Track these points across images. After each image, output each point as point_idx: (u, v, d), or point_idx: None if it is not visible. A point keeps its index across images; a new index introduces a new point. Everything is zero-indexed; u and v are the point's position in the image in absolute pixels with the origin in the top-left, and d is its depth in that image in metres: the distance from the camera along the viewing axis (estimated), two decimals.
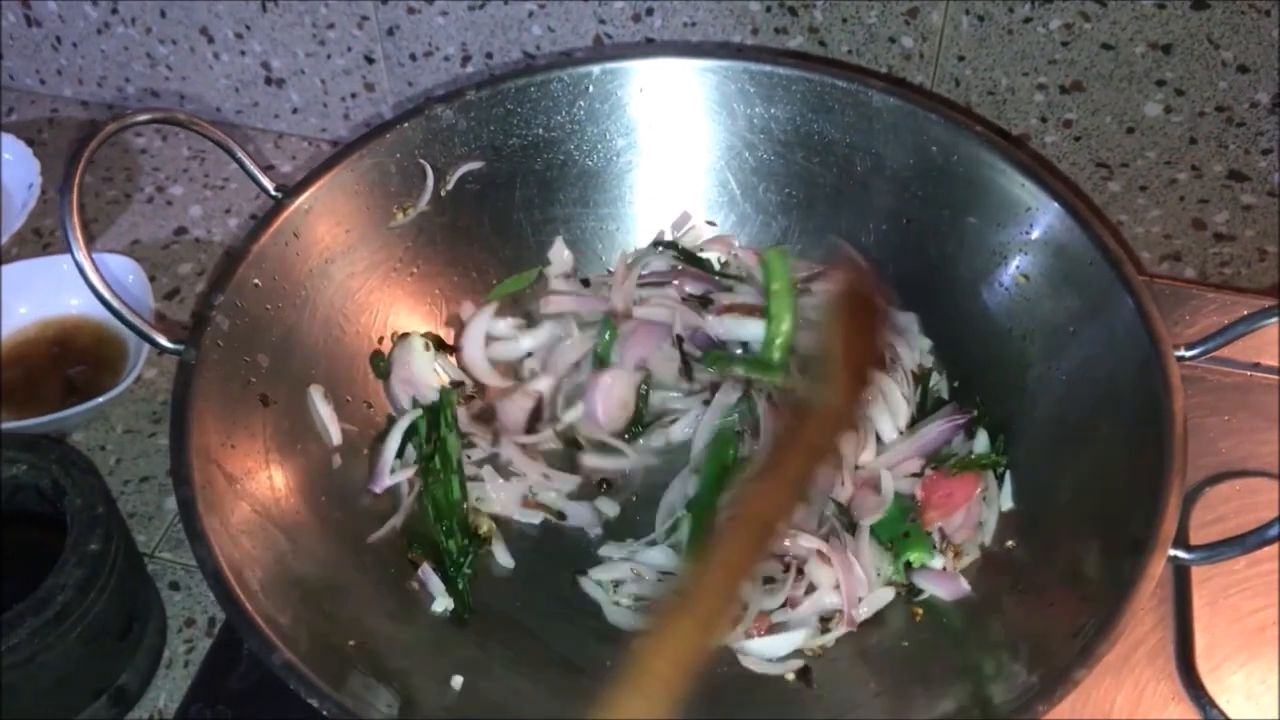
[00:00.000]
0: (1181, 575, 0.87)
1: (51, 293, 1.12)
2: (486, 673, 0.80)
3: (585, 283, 1.04)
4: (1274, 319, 0.75)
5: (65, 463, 0.86)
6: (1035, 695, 0.66)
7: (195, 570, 0.98)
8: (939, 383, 0.96)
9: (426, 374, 0.96)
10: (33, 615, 0.78)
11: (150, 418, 1.09)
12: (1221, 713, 0.80)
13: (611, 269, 1.05)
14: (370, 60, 1.26)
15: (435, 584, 0.85)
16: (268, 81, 1.32)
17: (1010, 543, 0.83)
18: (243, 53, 1.29)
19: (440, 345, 0.99)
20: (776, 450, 0.70)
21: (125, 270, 1.10)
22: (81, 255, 0.80)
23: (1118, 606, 0.67)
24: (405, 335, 0.97)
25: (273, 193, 0.90)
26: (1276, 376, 1.00)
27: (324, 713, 0.66)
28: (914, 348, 0.96)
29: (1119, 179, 1.14)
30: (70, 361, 1.10)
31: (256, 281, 0.86)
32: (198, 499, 0.74)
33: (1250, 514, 0.73)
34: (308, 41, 1.26)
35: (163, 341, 0.82)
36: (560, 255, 1.04)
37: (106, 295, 0.80)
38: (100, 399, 1.01)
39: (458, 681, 0.79)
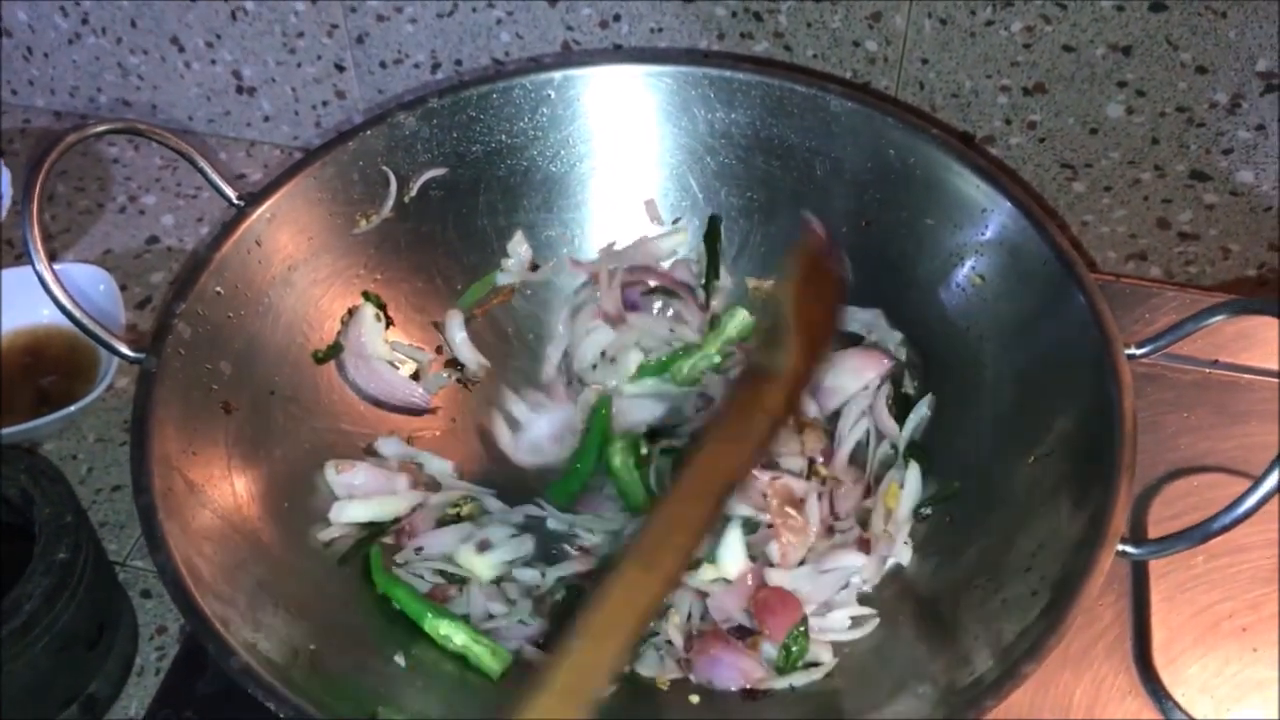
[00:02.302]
0: (1140, 570, 0.88)
1: (23, 302, 1.13)
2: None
3: (534, 267, 1.05)
4: (1221, 316, 0.76)
5: (34, 472, 0.87)
6: (984, 690, 0.67)
7: None
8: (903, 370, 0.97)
9: (376, 345, 0.97)
10: None
11: (122, 426, 1.09)
12: (1177, 705, 0.81)
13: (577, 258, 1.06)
14: (341, 68, 1.27)
15: None
16: (239, 90, 1.32)
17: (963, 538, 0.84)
18: (213, 62, 1.30)
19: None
20: (730, 414, 0.70)
21: (96, 280, 1.11)
22: (42, 265, 0.80)
23: (1066, 601, 0.68)
24: (356, 306, 0.97)
25: (235, 200, 0.90)
26: (1234, 373, 1.01)
27: (281, 715, 0.66)
28: (886, 341, 0.97)
29: (1083, 179, 1.15)
30: (42, 371, 1.11)
31: (218, 289, 0.87)
32: (158, 506, 0.74)
33: (1208, 509, 0.73)
34: (278, 50, 1.27)
35: (124, 350, 0.82)
36: (519, 249, 1.04)
37: (67, 304, 0.81)
38: (72, 408, 1.02)
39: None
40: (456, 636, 0.82)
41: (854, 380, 0.94)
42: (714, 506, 0.65)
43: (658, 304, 1.04)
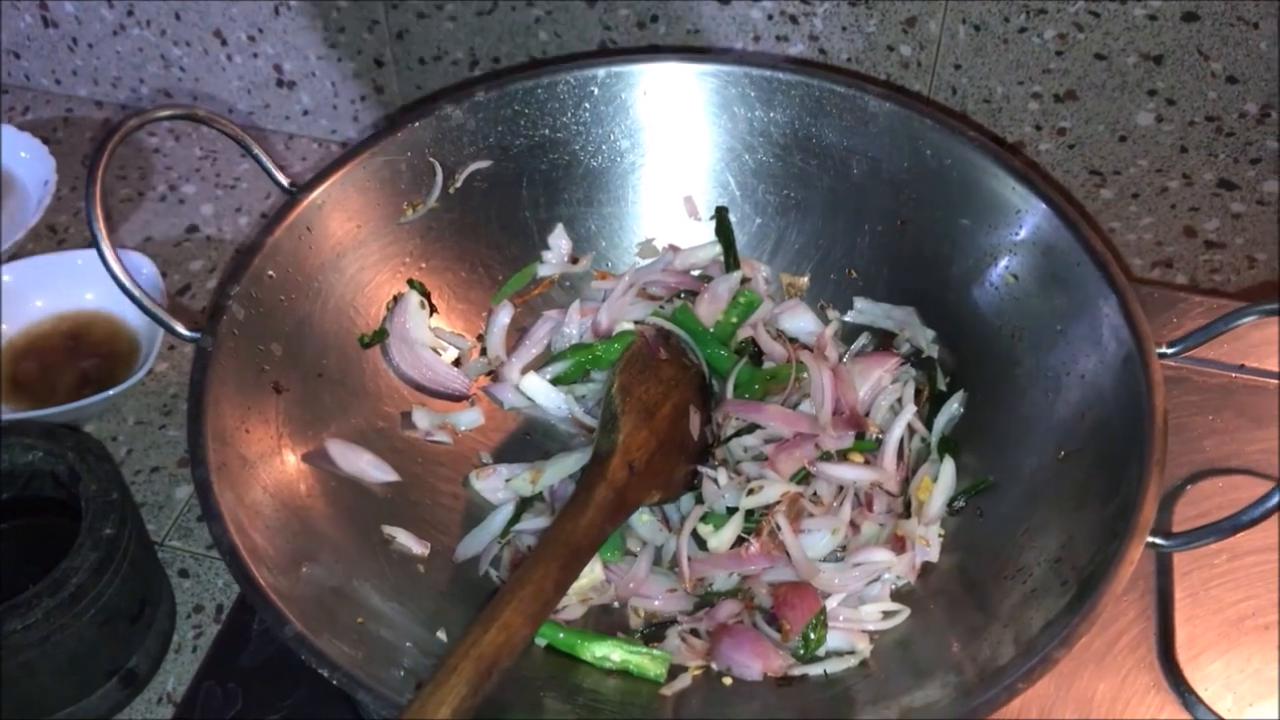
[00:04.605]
0: (1164, 568, 0.90)
1: (67, 287, 1.15)
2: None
3: (574, 260, 1.06)
4: (1251, 317, 0.77)
5: (81, 450, 0.89)
6: (1017, 675, 0.68)
7: (204, 558, 1.01)
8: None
9: (420, 332, 0.98)
10: (49, 596, 0.81)
11: (161, 410, 1.11)
12: (1200, 700, 0.82)
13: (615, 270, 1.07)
14: (380, 64, 1.29)
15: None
16: (279, 84, 1.34)
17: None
18: (255, 55, 1.32)
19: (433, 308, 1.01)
20: (578, 490, 0.84)
21: (139, 266, 1.13)
22: (105, 245, 0.82)
23: (1096, 589, 0.70)
24: (401, 294, 0.99)
25: (287, 188, 0.92)
26: (1260, 378, 1.02)
27: (334, 682, 0.68)
28: (919, 338, 0.98)
29: (1111, 186, 1.17)
30: (84, 354, 1.13)
31: (271, 273, 0.89)
32: (214, 479, 0.76)
33: (1233, 509, 0.74)
34: (319, 45, 1.29)
35: (180, 329, 0.84)
36: (559, 242, 1.05)
37: (127, 284, 0.82)
38: (113, 391, 1.04)
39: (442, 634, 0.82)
40: (614, 654, 0.82)
41: (863, 380, 0.96)
42: (560, 569, 0.77)
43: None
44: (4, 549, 0.92)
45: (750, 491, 0.87)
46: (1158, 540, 0.72)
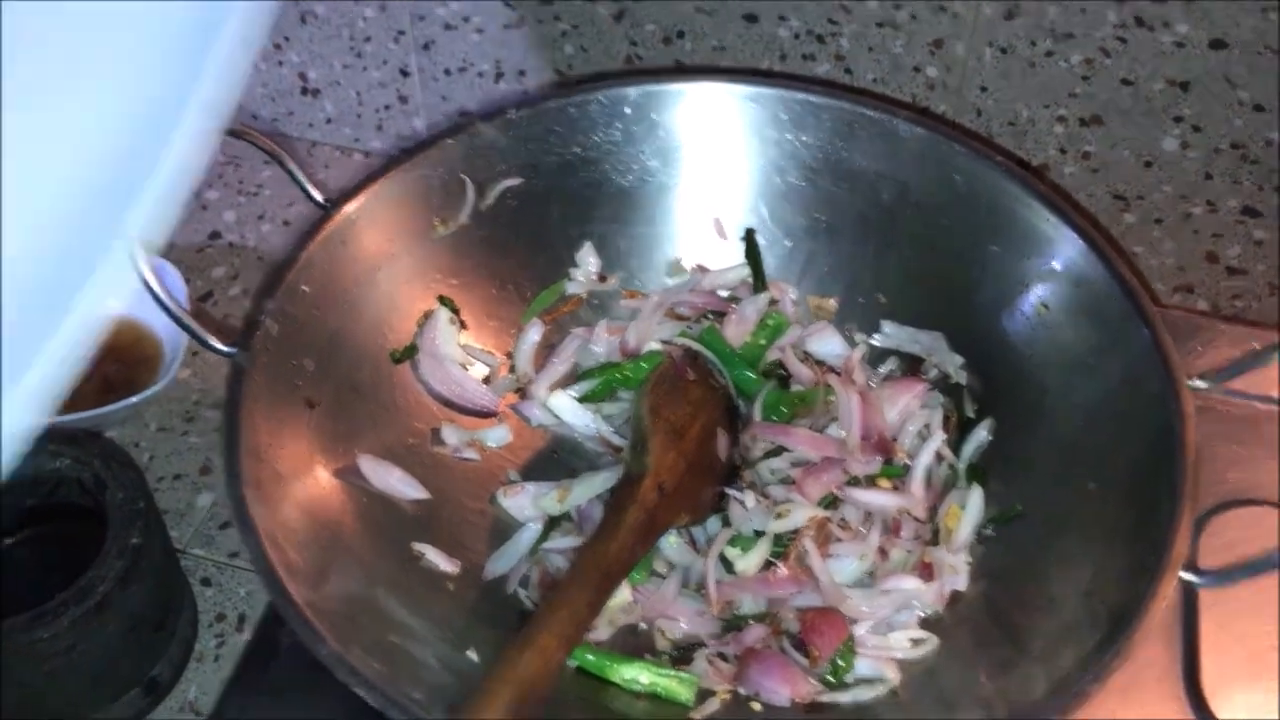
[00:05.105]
0: (1190, 600, 0.89)
1: None
2: None
3: (602, 278, 1.06)
4: None
5: (106, 457, 0.89)
6: (1047, 709, 0.68)
7: (226, 566, 1.01)
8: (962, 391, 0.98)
9: (450, 348, 0.99)
10: (74, 605, 0.81)
11: (183, 417, 1.11)
12: None
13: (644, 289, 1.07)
14: (405, 74, 1.29)
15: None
16: (304, 91, 1.34)
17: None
18: (280, 63, 1.32)
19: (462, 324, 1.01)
20: (608, 514, 0.85)
21: (161, 272, 1.12)
22: (140, 260, 0.81)
23: (1128, 624, 0.70)
24: (432, 310, 0.99)
25: (321, 203, 0.92)
26: None
27: (370, 703, 0.68)
28: (946, 364, 0.98)
29: (1135, 211, 1.17)
30: (107, 359, 1.13)
31: (305, 287, 0.89)
32: (248, 495, 0.76)
33: (1256, 541, 0.75)
34: (344, 54, 1.29)
35: (217, 344, 0.84)
36: (588, 260, 1.05)
37: (164, 298, 0.82)
38: (136, 398, 1.04)
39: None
40: (643, 676, 0.82)
41: (891, 406, 0.96)
42: (593, 592, 0.78)
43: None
44: (29, 555, 0.92)
45: (778, 515, 0.87)
46: (1190, 577, 0.72)
